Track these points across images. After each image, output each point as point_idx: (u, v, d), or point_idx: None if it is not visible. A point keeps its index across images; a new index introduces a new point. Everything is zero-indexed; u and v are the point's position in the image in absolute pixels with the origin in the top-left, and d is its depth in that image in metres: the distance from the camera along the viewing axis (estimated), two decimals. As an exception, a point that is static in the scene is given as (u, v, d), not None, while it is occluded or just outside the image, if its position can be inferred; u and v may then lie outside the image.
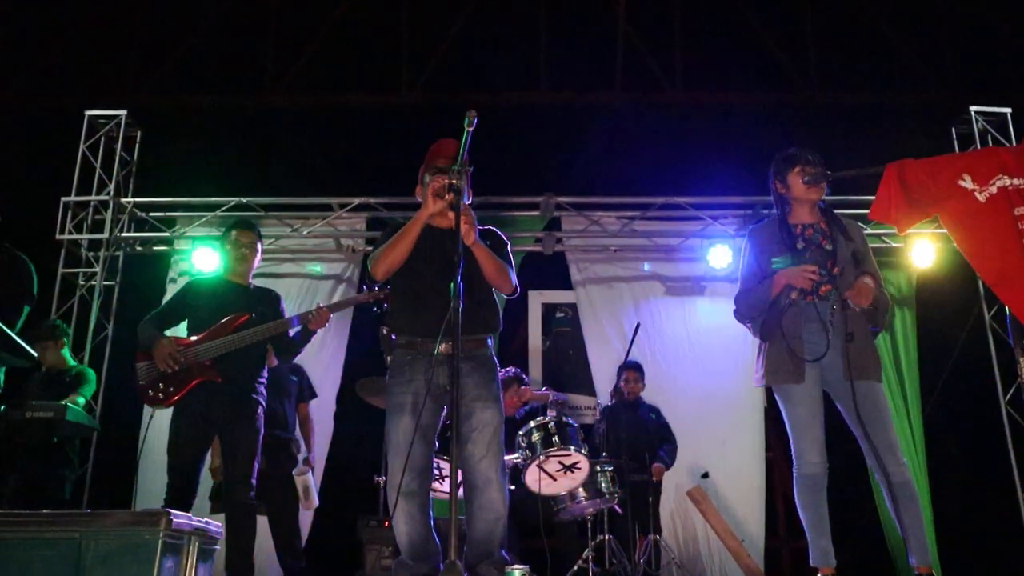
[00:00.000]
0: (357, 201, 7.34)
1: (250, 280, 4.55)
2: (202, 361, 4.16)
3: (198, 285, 4.62)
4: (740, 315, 3.75)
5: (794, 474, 3.50)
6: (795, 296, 3.49)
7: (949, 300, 7.45)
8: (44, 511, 2.82)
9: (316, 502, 5.55)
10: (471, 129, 2.95)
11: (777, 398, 3.61)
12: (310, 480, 5.53)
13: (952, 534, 6.80)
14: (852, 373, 3.38)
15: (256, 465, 4.23)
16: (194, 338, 4.23)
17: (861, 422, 3.38)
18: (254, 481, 4.19)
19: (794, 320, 3.50)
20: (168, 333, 4.31)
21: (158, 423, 6.68)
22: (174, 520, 2.80)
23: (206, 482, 4.37)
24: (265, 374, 4.44)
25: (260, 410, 4.31)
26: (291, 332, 4.47)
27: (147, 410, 6.92)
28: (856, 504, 6.64)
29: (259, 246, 4.59)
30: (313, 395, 5.94)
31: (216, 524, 3.36)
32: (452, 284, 2.84)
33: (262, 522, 5.34)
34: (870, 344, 3.52)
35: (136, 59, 8.59)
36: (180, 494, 4.07)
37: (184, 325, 4.41)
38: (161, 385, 4.16)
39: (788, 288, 3.50)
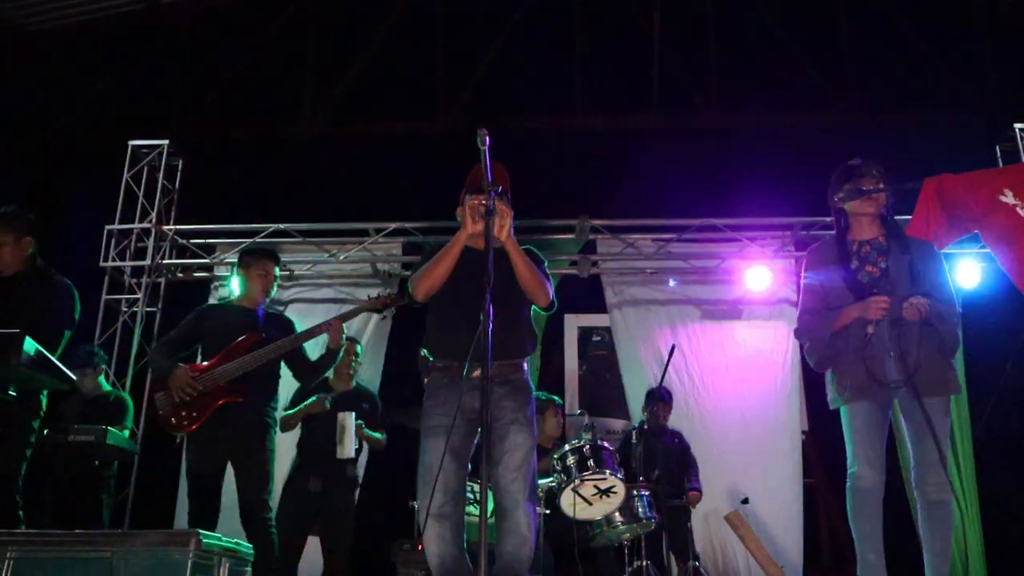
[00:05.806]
0: (393, 226, 7.38)
1: (262, 306, 4.56)
2: (220, 384, 4.17)
3: (210, 311, 4.66)
4: (802, 338, 3.67)
5: (847, 484, 3.45)
6: (871, 330, 3.36)
7: (996, 322, 7.25)
8: (77, 531, 2.85)
9: (351, 451, 5.06)
10: (485, 148, 2.92)
11: (843, 413, 3.54)
12: (351, 422, 5.06)
13: (1004, 562, 6.58)
14: (909, 390, 3.29)
15: (271, 481, 4.24)
16: (208, 363, 4.25)
17: (913, 435, 3.34)
18: (267, 497, 4.21)
19: (867, 343, 3.40)
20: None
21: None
22: (204, 541, 2.81)
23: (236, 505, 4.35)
24: (277, 399, 4.45)
25: (271, 433, 4.33)
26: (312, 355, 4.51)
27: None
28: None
29: (276, 272, 4.59)
30: (379, 427, 5.50)
31: (248, 545, 3.37)
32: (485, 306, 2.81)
33: (313, 544, 5.32)
34: (933, 359, 3.36)
35: (178, 89, 8.80)
36: (201, 516, 4.10)
37: (198, 351, 4.45)
38: (184, 412, 4.16)
39: (861, 322, 3.38)
